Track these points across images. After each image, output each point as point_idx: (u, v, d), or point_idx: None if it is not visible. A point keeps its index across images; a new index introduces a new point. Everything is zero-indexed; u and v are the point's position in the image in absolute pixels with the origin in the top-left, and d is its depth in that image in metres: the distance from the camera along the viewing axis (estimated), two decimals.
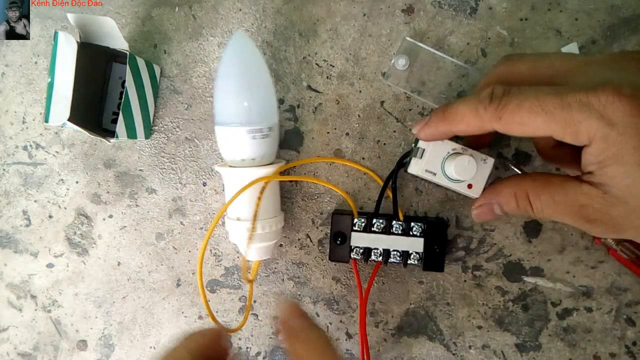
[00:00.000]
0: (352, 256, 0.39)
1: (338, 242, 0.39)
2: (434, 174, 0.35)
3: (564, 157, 0.33)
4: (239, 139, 0.36)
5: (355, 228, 0.39)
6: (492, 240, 0.41)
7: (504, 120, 0.28)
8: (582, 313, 0.40)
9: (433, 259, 0.39)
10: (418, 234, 0.38)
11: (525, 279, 0.41)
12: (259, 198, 0.37)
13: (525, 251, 0.40)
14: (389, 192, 0.40)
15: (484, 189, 0.35)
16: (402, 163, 0.38)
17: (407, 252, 0.39)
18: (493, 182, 0.36)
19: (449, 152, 0.35)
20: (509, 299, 0.41)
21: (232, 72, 0.36)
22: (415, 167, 0.35)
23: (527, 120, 0.27)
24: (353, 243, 0.39)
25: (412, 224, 0.39)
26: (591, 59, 0.28)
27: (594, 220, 0.28)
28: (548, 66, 0.29)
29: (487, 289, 0.41)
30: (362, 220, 0.39)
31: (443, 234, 0.39)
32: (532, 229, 0.40)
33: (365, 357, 0.40)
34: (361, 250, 0.39)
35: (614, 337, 0.40)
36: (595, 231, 0.29)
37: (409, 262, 0.39)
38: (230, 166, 0.38)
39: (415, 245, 0.39)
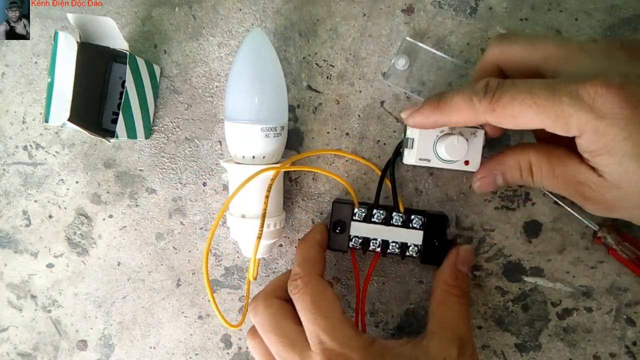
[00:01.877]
0: (350, 245, 0.39)
1: (337, 230, 0.39)
2: (429, 160, 0.35)
3: (562, 141, 0.34)
4: (252, 137, 0.36)
5: (356, 218, 0.39)
6: (492, 240, 0.41)
7: (497, 113, 0.28)
8: (582, 313, 0.40)
9: (431, 253, 0.38)
10: (418, 227, 0.38)
11: (525, 279, 0.41)
12: (267, 196, 0.37)
13: (525, 251, 0.40)
14: (387, 183, 0.39)
15: (484, 162, 0.35)
16: (399, 152, 0.38)
17: (406, 244, 0.38)
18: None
19: (437, 136, 0.35)
20: (509, 299, 0.41)
21: (249, 69, 0.36)
22: (409, 158, 0.35)
23: (518, 114, 0.28)
24: (352, 232, 0.39)
25: (413, 216, 0.38)
26: (584, 46, 0.29)
27: (589, 199, 0.29)
28: (542, 51, 0.29)
29: (487, 289, 0.41)
30: (363, 210, 0.39)
31: (443, 228, 0.38)
32: (532, 229, 0.40)
33: None
34: (360, 240, 0.39)
35: (614, 337, 0.40)
36: (589, 208, 0.30)
37: (407, 254, 0.38)
38: (237, 162, 0.38)
39: (414, 237, 0.38)
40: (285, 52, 0.41)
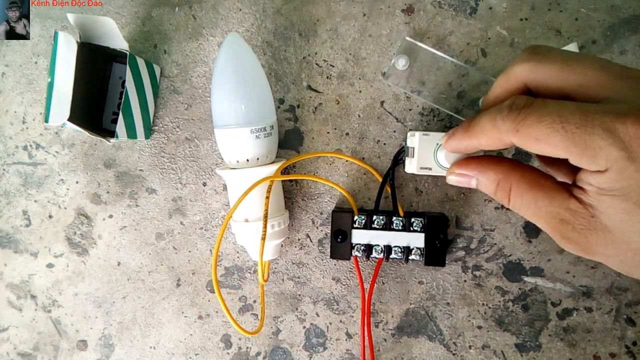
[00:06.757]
0: (353, 253, 0.39)
1: (339, 239, 0.39)
2: (430, 169, 0.35)
3: (554, 161, 0.31)
4: (242, 140, 0.36)
5: (356, 225, 0.39)
6: (492, 240, 0.41)
7: (520, 134, 0.26)
8: (582, 313, 0.40)
9: (434, 254, 0.39)
10: (419, 229, 0.39)
11: (525, 279, 0.41)
12: (267, 197, 0.37)
13: (525, 251, 0.40)
14: (387, 189, 0.40)
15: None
16: (398, 159, 0.39)
17: (408, 247, 0.39)
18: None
19: (437, 144, 0.35)
20: (509, 299, 0.41)
21: (229, 75, 0.36)
22: (410, 167, 0.36)
23: (544, 137, 0.25)
24: (354, 240, 0.39)
25: (413, 219, 0.39)
26: (629, 72, 0.26)
27: (569, 238, 0.27)
28: (579, 75, 0.26)
29: (487, 289, 0.41)
30: (363, 217, 0.39)
31: (444, 229, 0.39)
32: (532, 229, 0.40)
33: (369, 356, 0.40)
34: (362, 247, 0.39)
35: (614, 337, 0.40)
36: (563, 245, 0.28)
37: (410, 257, 0.39)
38: (232, 168, 0.38)
39: (416, 240, 0.39)
40: (285, 52, 0.41)
